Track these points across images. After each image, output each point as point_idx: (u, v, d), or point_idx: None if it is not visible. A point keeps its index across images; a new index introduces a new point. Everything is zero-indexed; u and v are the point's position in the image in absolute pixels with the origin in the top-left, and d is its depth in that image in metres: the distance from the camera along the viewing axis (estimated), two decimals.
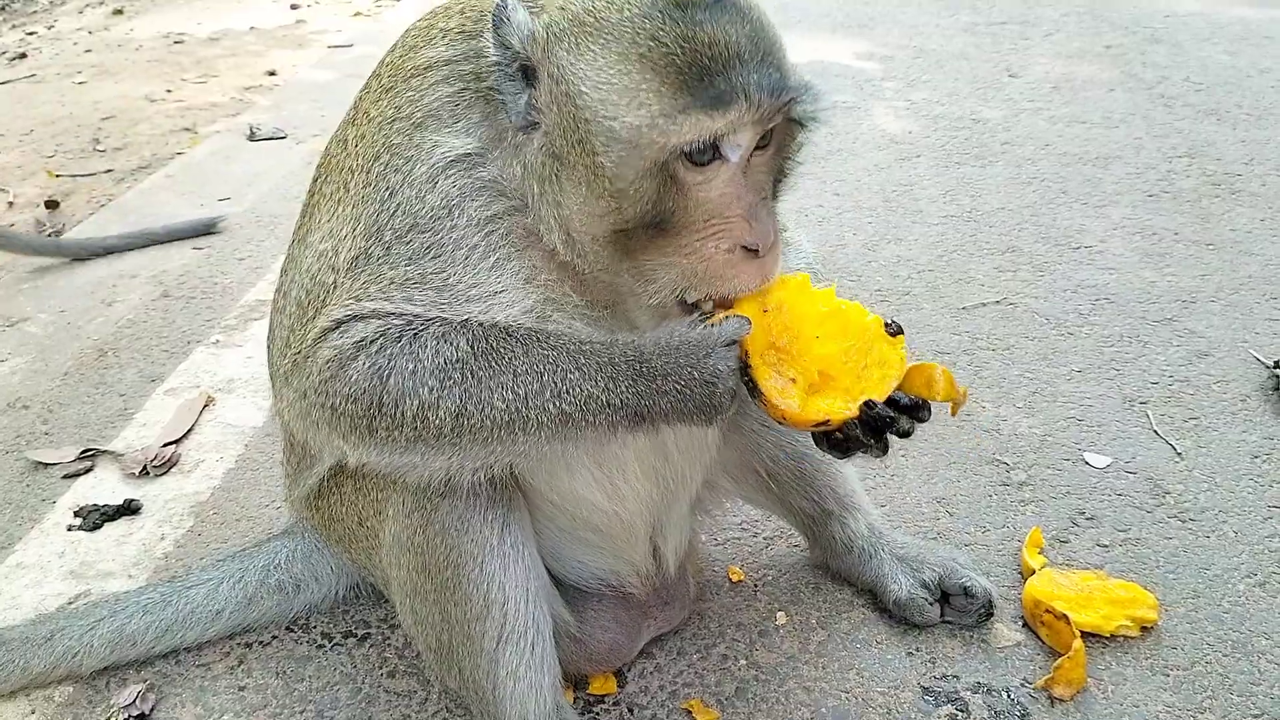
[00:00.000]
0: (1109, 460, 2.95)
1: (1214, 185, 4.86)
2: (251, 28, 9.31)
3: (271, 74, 7.78)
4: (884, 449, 1.73)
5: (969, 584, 2.37)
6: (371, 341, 1.67)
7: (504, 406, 1.65)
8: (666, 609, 2.28)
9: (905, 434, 1.73)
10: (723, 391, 1.65)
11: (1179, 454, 2.97)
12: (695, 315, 1.69)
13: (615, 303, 1.79)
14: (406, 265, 1.70)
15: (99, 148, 6.30)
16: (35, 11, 10.59)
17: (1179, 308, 3.78)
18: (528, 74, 1.66)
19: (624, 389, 1.65)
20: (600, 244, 1.67)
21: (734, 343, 1.65)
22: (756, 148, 1.66)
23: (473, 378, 1.65)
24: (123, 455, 3.13)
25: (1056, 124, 5.76)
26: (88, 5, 10.77)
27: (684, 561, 2.30)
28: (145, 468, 3.07)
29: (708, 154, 1.59)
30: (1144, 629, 2.35)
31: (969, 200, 4.83)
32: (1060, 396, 3.27)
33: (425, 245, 1.71)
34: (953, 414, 1.81)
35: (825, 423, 1.67)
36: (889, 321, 1.73)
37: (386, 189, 1.74)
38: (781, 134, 1.71)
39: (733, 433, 2.25)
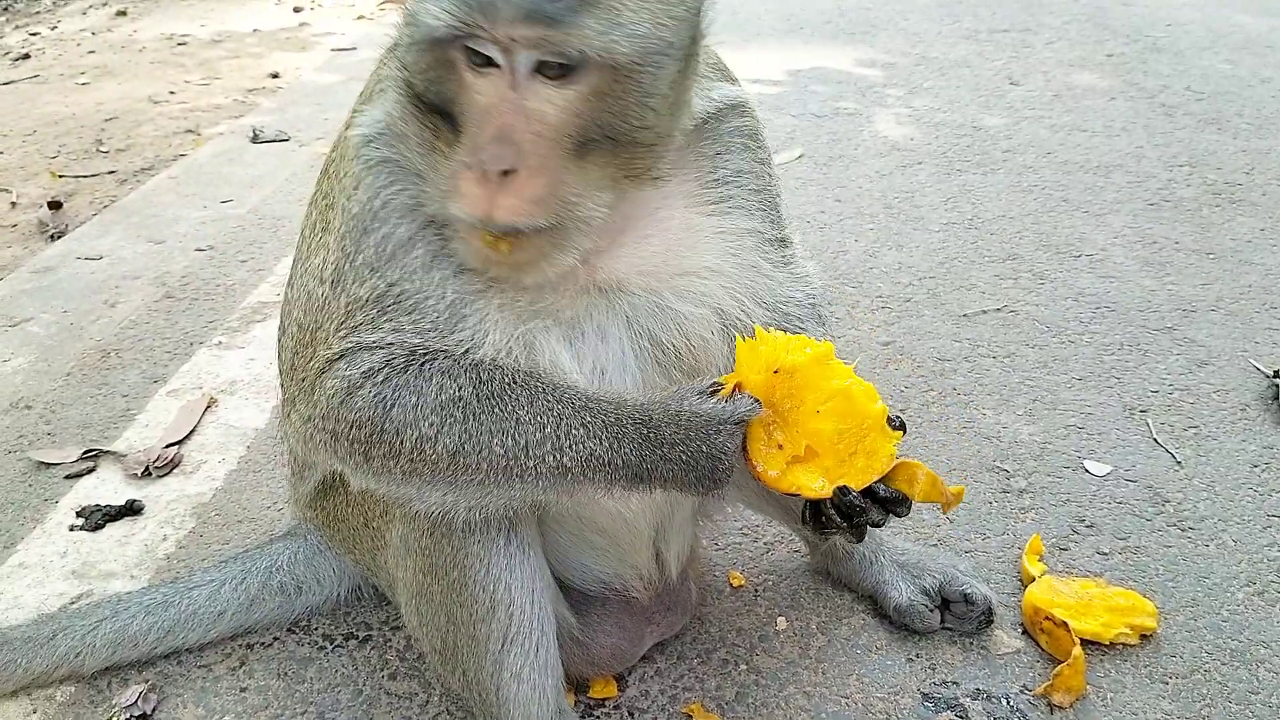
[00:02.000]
0: (1109, 468, 2.96)
1: (1214, 194, 4.88)
2: (254, 30, 9.32)
3: (274, 76, 7.80)
4: (858, 535, 1.78)
5: (969, 591, 2.38)
6: (377, 372, 1.69)
7: (502, 452, 1.66)
8: (669, 614, 2.29)
9: (876, 524, 1.77)
10: (725, 469, 1.66)
11: (1179, 462, 2.98)
12: (708, 386, 1.69)
13: (602, 284, 1.77)
14: (370, 275, 1.72)
15: (102, 149, 6.30)
16: (38, 12, 10.61)
17: (1179, 316, 3.79)
18: None
19: (628, 451, 1.66)
20: (414, 122, 1.63)
21: (744, 422, 1.67)
22: (546, 75, 1.49)
23: (474, 419, 1.66)
24: (125, 456, 3.14)
25: (1058, 132, 5.78)
26: (91, 6, 10.78)
27: (686, 567, 2.30)
28: (147, 468, 3.07)
29: (480, 59, 1.49)
30: (1143, 637, 2.36)
31: (970, 208, 4.84)
32: (1061, 404, 3.28)
33: (374, 250, 1.71)
34: (943, 512, 1.85)
35: (796, 495, 1.71)
36: (893, 416, 1.75)
37: (342, 193, 1.78)
38: (595, 75, 1.50)
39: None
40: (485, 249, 1.60)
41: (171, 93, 7.43)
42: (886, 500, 1.76)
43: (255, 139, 6.08)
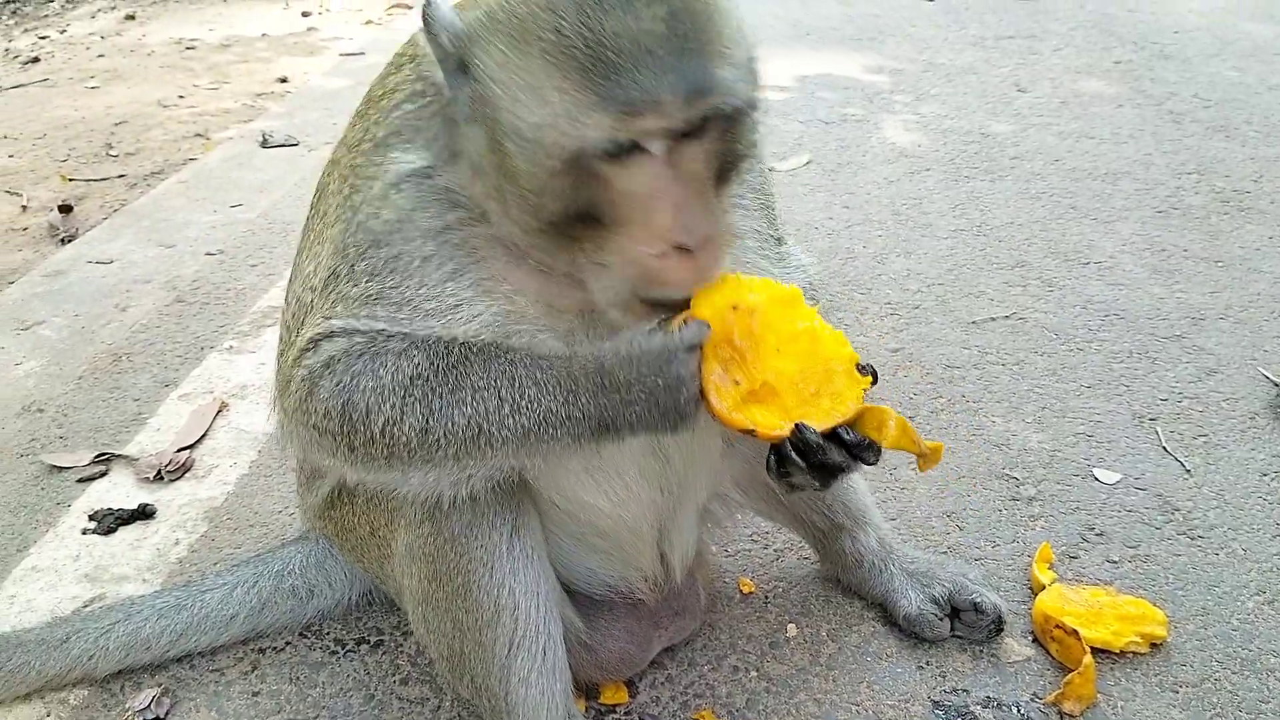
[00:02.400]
0: (1118, 476, 2.96)
1: (1223, 202, 4.88)
2: (263, 34, 9.36)
3: (283, 81, 7.84)
4: (821, 480, 1.70)
5: (979, 599, 2.38)
6: (337, 360, 1.70)
7: (465, 422, 1.65)
8: (678, 619, 2.30)
9: (840, 467, 1.69)
10: (687, 398, 1.61)
11: (1188, 471, 2.98)
12: (656, 320, 1.64)
13: (581, 307, 1.76)
14: (367, 281, 1.73)
15: (112, 152, 6.34)
16: (47, 15, 10.66)
17: (1188, 324, 3.80)
18: (466, 69, 1.62)
19: (584, 401, 1.64)
20: (540, 235, 1.64)
21: (695, 347, 1.60)
22: (686, 136, 1.53)
23: (433, 394, 1.66)
24: (137, 460, 3.16)
25: (1065, 139, 5.78)
26: (100, 10, 10.84)
27: (694, 572, 2.31)
28: (159, 472, 3.09)
29: (623, 149, 1.49)
30: (1153, 645, 2.36)
31: (978, 214, 4.85)
32: (1070, 412, 3.29)
33: (384, 260, 1.73)
34: (920, 469, 1.76)
35: (751, 432, 1.63)
36: (864, 365, 1.70)
37: (351, 208, 1.77)
38: (720, 123, 1.56)
39: (739, 443, 2.26)
40: (660, 312, 1.64)
41: (181, 97, 7.47)
42: (851, 445, 1.68)
43: (264, 143, 6.11)
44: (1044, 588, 2.48)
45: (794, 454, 1.65)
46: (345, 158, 1.84)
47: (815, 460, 1.66)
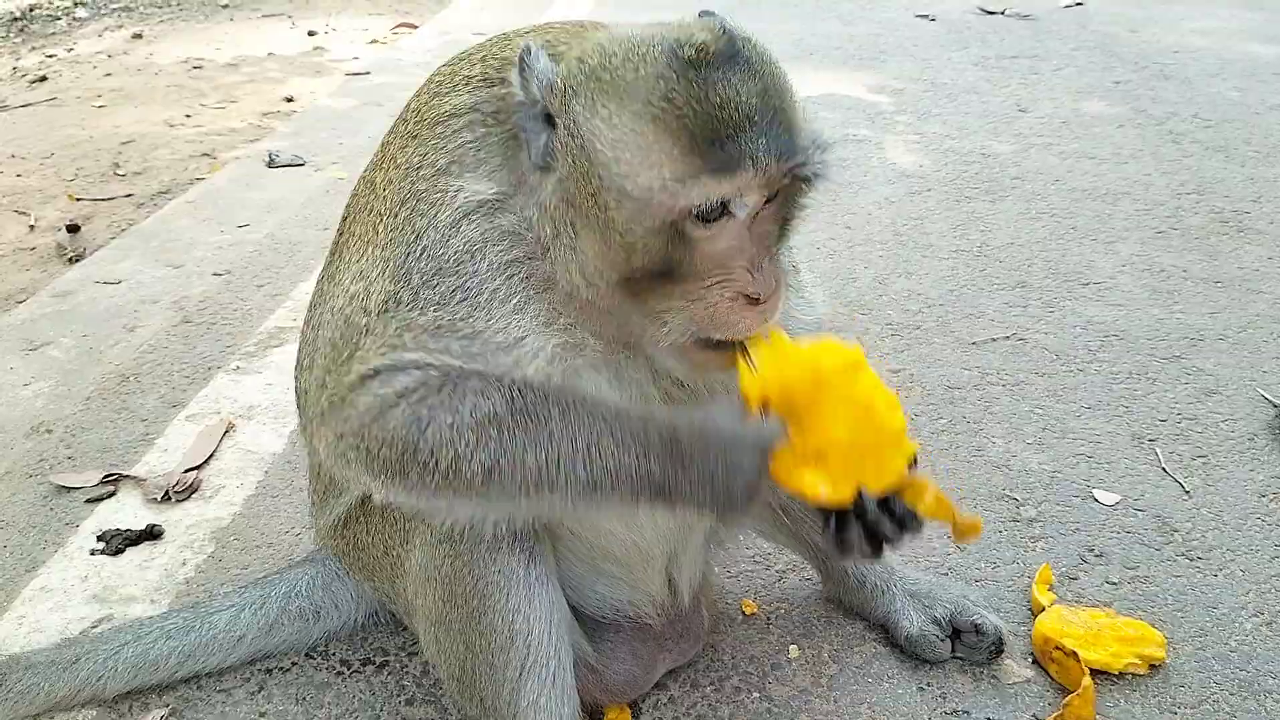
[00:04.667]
0: (1118, 497, 2.99)
1: (1222, 222, 4.92)
2: (270, 54, 9.44)
3: (290, 100, 7.90)
4: (876, 551, 1.82)
5: (980, 621, 2.41)
6: (412, 391, 1.73)
7: (535, 467, 1.70)
8: (681, 641, 2.32)
9: (889, 539, 1.82)
10: (744, 492, 1.68)
11: (1187, 492, 3.01)
12: (736, 405, 1.72)
13: (633, 344, 1.85)
14: (435, 310, 1.76)
15: (119, 172, 6.40)
16: (54, 34, 10.75)
17: (1187, 345, 3.83)
18: (549, 117, 1.71)
19: (653, 465, 1.69)
20: (611, 286, 1.72)
21: (767, 447, 1.67)
22: (767, 201, 1.71)
23: (509, 434, 1.70)
24: (145, 480, 3.19)
25: (1066, 159, 5.83)
26: (107, 29, 10.93)
27: (698, 594, 2.34)
28: (167, 493, 3.12)
29: (716, 213, 1.64)
30: (1152, 667, 2.38)
31: (979, 235, 4.89)
32: (1070, 433, 3.32)
33: (451, 289, 1.76)
34: (955, 540, 1.88)
35: (799, 495, 1.70)
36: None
37: (413, 233, 1.80)
38: (789, 188, 1.75)
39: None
40: (723, 359, 1.76)
41: (188, 116, 7.53)
42: (900, 517, 1.80)
43: (271, 163, 6.17)
44: (1044, 609, 2.50)
45: (858, 522, 1.80)
46: (401, 180, 1.85)
47: (871, 530, 1.79)
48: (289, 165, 6.16)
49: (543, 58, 1.70)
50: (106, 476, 3.22)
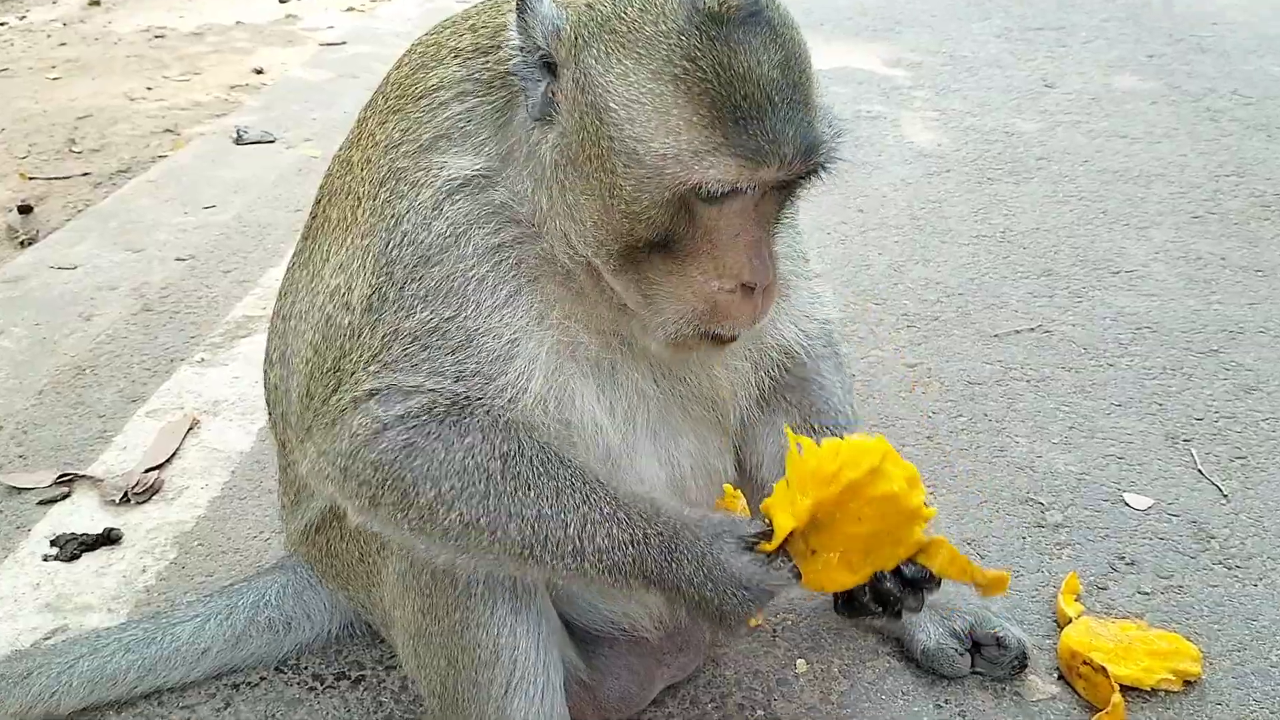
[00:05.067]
0: (1150, 501, 2.99)
1: (1263, 206, 4.91)
2: (238, 22, 9.40)
3: (259, 72, 7.87)
4: (896, 618, 1.92)
5: (1001, 633, 2.40)
6: (414, 415, 1.75)
7: (519, 539, 1.74)
8: (680, 655, 2.32)
9: (911, 609, 1.90)
10: (733, 624, 1.77)
11: (1225, 495, 3.01)
12: (751, 532, 1.76)
13: (631, 337, 1.86)
14: (422, 310, 1.75)
15: (75, 149, 6.37)
16: (6, 0, 10.70)
17: (1225, 338, 3.82)
18: (550, 67, 1.70)
19: (649, 568, 1.75)
20: (608, 255, 1.72)
21: (768, 594, 1.75)
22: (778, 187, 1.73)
23: (494, 496, 1.74)
24: (102, 481, 3.18)
25: (1096, 138, 5.82)
26: None
27: None
28: (126, 494, 3.11)
29: (726, 193, 1.64)
30: (1186, 683, 2.38)
31: (1002, 219, 4.88)
32: (1099, 432, 3.31)
33: (436, 281, 1.76)
34: (981, 595, 1.96)
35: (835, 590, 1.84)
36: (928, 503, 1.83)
37: (393, 217, 1.79)
38: (812, 176, 1.78)
39: (753, 467, 2.29)
40: (715, 349, 1.83)
41: (149, 89, 7.50)
42: (912, 581, 1.87)
43: (239, 140, 6.14)
44: (1070, 621, 2.50)
45: (869, 600, 1.86)
46: (381, 159, 1.84)
47: (883, 598, 1.86)
48: (258, 142, 6.14)
49: (546, 1, 1.68)
50: (61, 477, 3.20)
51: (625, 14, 1.63)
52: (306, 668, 2.51)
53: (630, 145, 1.61)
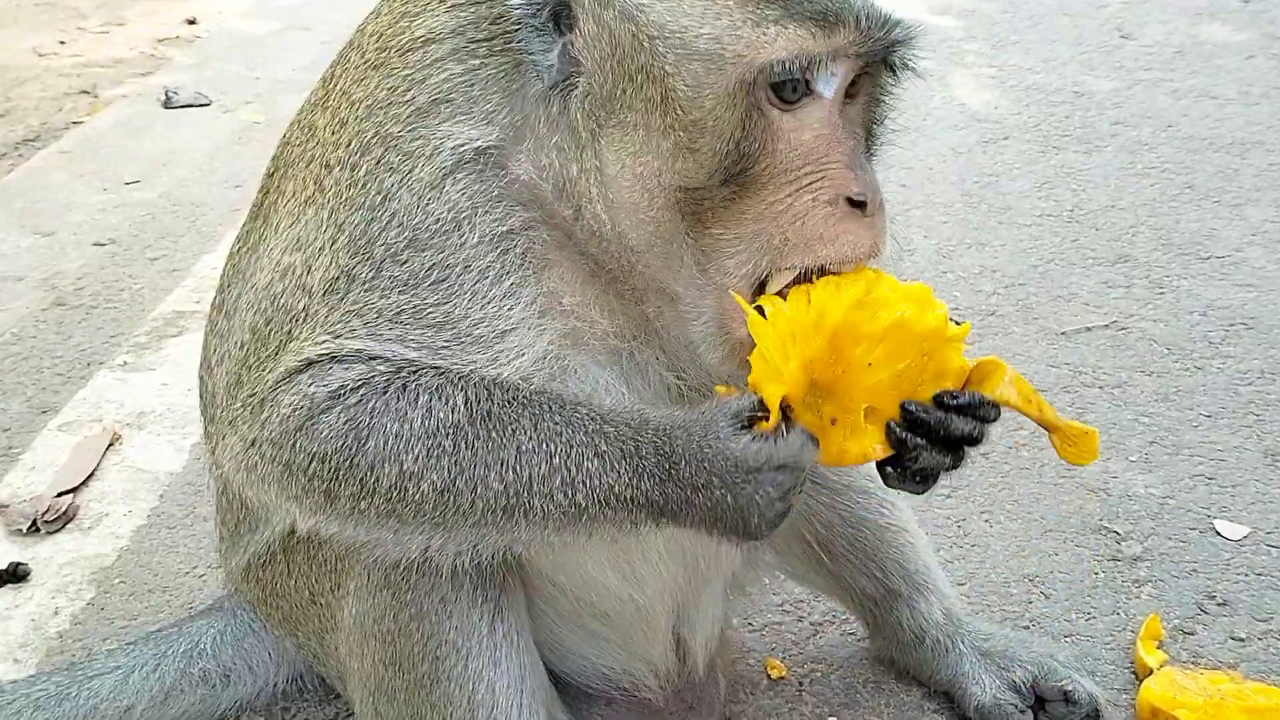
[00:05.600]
0: (1246, 530, 2.99)
1: None
2: None
3: (192, 23, 7.89)
4: (954, 458, 1.79)
5: (1069, 687, 2.40)
6: (352, 390, 1.71)
7: (502, 489, 1.69)
8: (691, 715, 2.32)
9: (968, 437, 1.77)
10: (759, 524, 1.69)
11: None
12: (744, 406, 1.69)
13: (646, 329, 1.85)
14: (400, 293, 1.74)
15: None
16: None
17: None
18: (558, 20, 1.71)
19: (648, 486, 1.69)
20: (661, 210, 1.71)
21: (787, 468, 1.67)
22: (845, 95, 1.72)
23: (467, 448, 1.69)
24: (6, 506, 3.18)
25: (1181, 99, 5.83)
26: None
27: (714, 655, 2.33)
28: (35, 522, 3.11)
29: (799, 88, 1.64)
30: None
31: (1070, 195, 4.89)
32: (1185, 448, 3.31)
33: (425, 267, 1.75)
34: (1065, 458, 1.89)
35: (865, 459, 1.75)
36: (952, 319, 1.77)
37: (378, 192, 1.77)
38: (870, 83, 1.78)
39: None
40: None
41: (61, 43, 7.52)
42: (960, 406, 1.75)
43: (167, 103, 6.16)
44: (1151, 672, 2.50)
45: (911, 434, 1.73)
46: (361, 122, 1.82)
47: (939, 435, 1.74)
48: (190, 105, 6.15)
49: None
50: None
51: None
52: None
53: (678, 38, 1.63)
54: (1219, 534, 2.98)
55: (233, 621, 2.50)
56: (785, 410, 1.68)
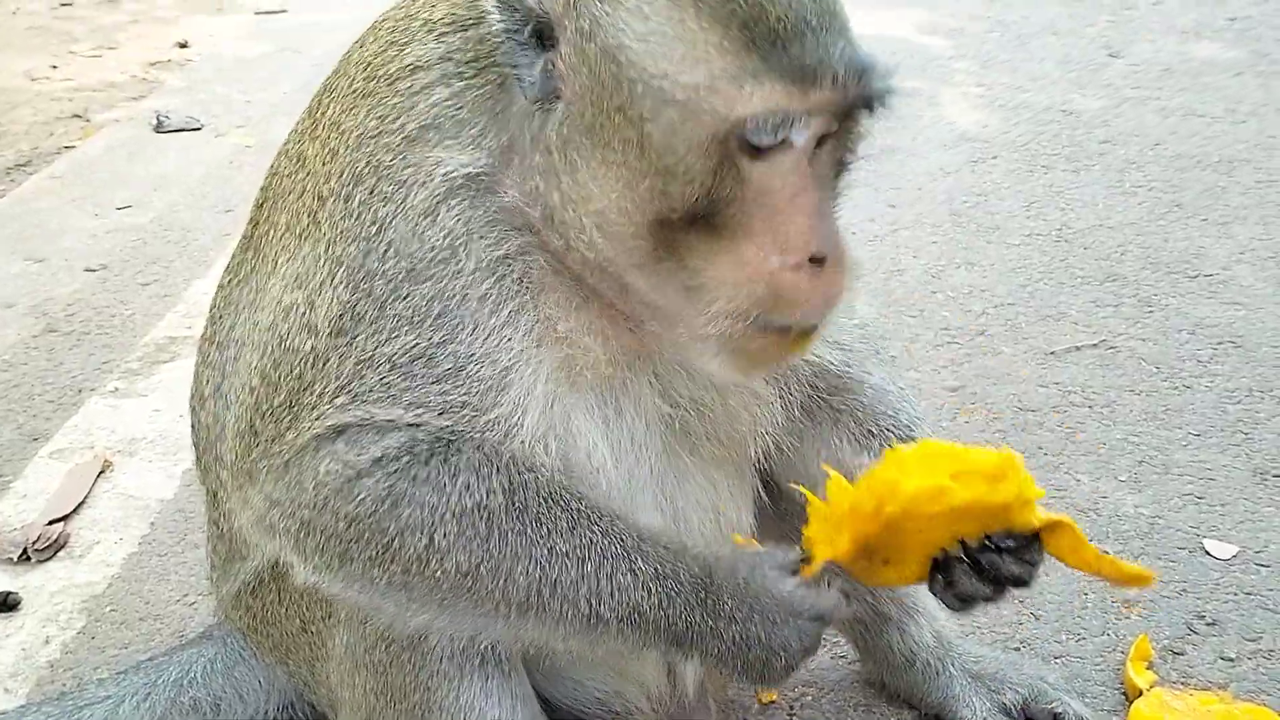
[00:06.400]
0: (1235, 550, 2.99)
1: None
2: None
3: (184, 46, 7.91)
4: (994, 591, 1.84)
5: (1060, 709, 2.41)
6: (393, 459, 1.73)
7: (525, 584, 1.72)
8: None
9: (1017, 579, 1.82)
10: (783, 667, 1.75)
11: None
12: (792, 558, 1.77)
13: (645, 353, 1.86)
14: (407, 333, 1.74)
15: None
16: None
17: None
18: (542, 38, 1.71)
19: (678, 612, 1.73)
20: (638, 240, 1.71)
21: (824, 621, 1.75)
22: (824, 136, 1.71)
23: (498, 536, 1.71)
24: None
25: (1168, 117, 5.85)
26: None
27: (704, 680, 2.33)
28: (26, 551, 3.11)
29: (773, 137, 1.63)
30: None
31: (1059, 214, 4.91)
32: (1174, 467, 3.32)
33: (426, 299, 1.75)
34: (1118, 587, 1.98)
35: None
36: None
37: (373, 222, 1.77)
38: (845, 126, 1.76)
39: (769, 520, 2.30)
40: (782, 349, 1.77)
41: (54, 67, 7.53)
42: (1005, 548, 1.80)
43: (159, 127, 6.17)
44: (1141, 693, 2.50)
45: (968, 575, 1.81)
46: (352, 152, 1.82)
47: (991, 574, 1.80)
48: (182, 129, 6.16)
49: None
50: None
51: None
52: None
53: (657, 84, 1.62)
54: (1208, 553, 2.99)
55: (224, 649, 2.50)
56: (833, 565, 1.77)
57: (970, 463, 1.75)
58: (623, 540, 1.74)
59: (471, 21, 1.82)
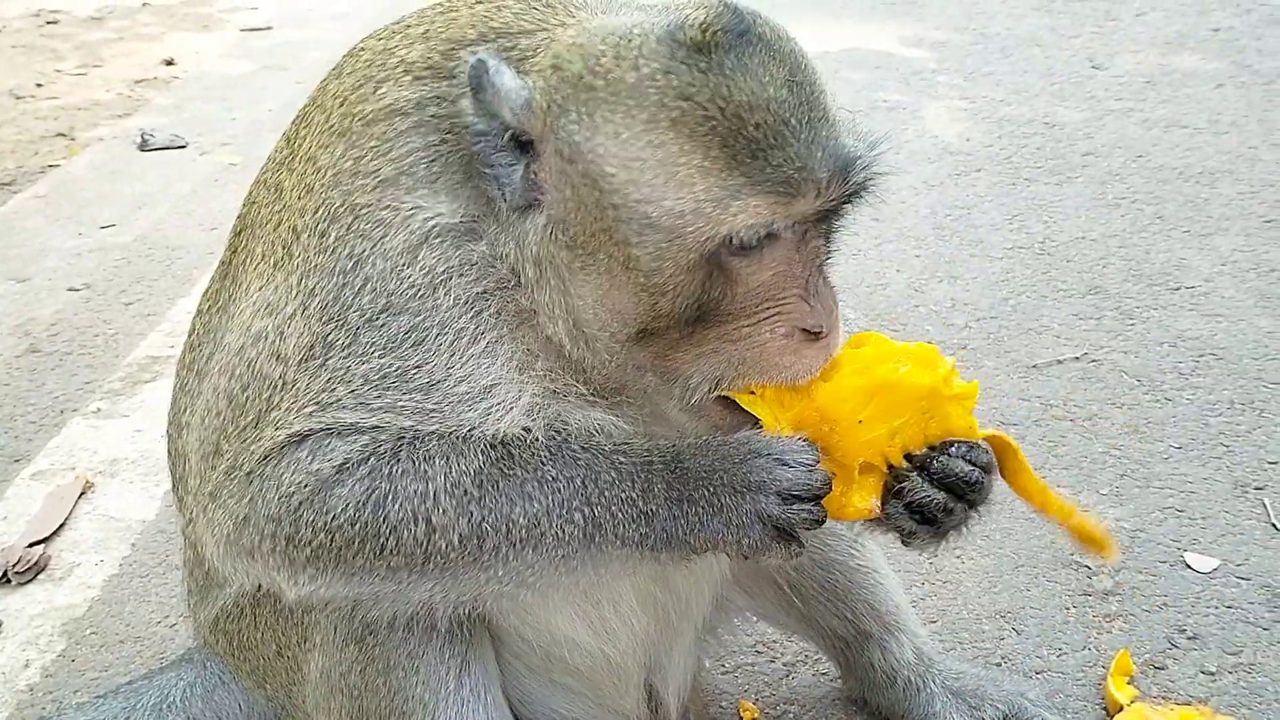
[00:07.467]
0: (1216, 563, 3.00)
1: None
2: (145, 4, 9.48)
3: (169, 64, 7.92)
4: (974, 499, 1.84)
5: None
6: (359, 464, 1.73)
7: (525, 522, 1.72)
8: None
9: (968, 481, 1.80)
10: (759, 540, 1.73)
11: None
12: (749, 431, 1.76)
13: (623, 389, 1.85)
14: (380, 355, 1.74)
15: None
16: None
17: None
18: (522, 145, 1.70)
19: (660, 492, 1.74)
20: (621, 343, 1.74)
21: (787, 464, 1.71)
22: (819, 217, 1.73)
23: (494, 491, 1.72)
24: None
25: (1151, 129, 5.88)
26: None
27: (686, 702, 2.33)
28: (6, 573, 3.11)
29: (760, 239, 1.65)
30: None
31: (1041, 227, 4.92)
32: (1155, 480, 3.33)
33: (403, 330, 1.75)
34: (1086, 551, 1.94)
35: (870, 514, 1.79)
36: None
37: (349, 257, 1.77)
38: (855, 196, 1.78)
39: None
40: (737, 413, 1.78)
41: (39, 85, 7.54)
42: (962, 455, 1.79)
43: (144, 146, 6.17)
44: (1122, 708, 2.50)
45: (916, 484, 1.78)
46: (329, 190, 1.82)
47: (938, 478, 1.78)
48: (167, 148, 6.17)
49: (506, 74, 1.67)
50: None
51: (599, 67, 1.64)
52: None
53: (640, 210, 1.62)
54: (1189, 567, 2.99)
55: (203, 673, 2.49)
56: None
57: (893, 349, 1.78)
58: (602, 448, 1.76)
59: (447, 73, 1.81)
